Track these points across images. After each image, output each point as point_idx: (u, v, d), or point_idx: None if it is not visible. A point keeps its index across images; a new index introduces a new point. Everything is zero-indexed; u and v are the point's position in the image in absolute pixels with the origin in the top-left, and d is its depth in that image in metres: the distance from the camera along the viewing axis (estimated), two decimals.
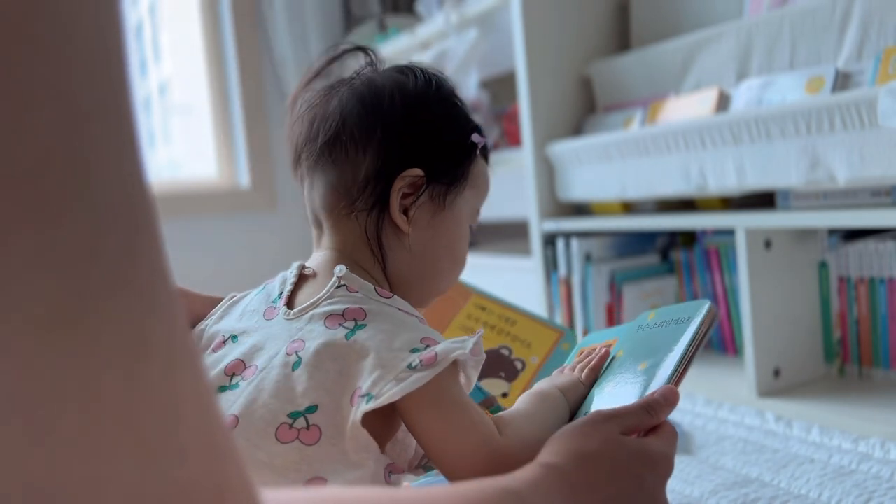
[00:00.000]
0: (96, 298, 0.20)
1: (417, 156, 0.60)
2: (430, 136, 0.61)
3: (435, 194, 0.61)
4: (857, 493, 0.73)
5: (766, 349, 1.05)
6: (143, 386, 0.21)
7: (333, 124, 0.60)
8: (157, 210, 0.23)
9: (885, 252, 1.04)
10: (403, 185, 0.60)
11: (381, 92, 0.61)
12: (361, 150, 0.60)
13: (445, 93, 0.64)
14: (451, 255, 0.64)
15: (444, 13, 1.67)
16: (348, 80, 0.63)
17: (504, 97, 1.78)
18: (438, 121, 0.62)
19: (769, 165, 1.02)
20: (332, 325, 0.54)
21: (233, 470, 0.24)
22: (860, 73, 0.98)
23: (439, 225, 0.62)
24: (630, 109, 1.34)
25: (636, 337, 0.71)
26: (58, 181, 0.19)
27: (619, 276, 1.35)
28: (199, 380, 0.23)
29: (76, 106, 0.20)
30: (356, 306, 0.55)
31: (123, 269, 0.21)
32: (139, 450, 0.20)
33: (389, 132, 0.60)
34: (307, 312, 0.56)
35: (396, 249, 0.61)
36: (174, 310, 0.23)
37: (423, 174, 0.60)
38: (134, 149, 0.22)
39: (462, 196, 0.64)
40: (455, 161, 0.63)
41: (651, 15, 1.41)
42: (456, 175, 0.63)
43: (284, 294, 0.59)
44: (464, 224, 0.65)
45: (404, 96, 0.61)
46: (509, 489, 0.44)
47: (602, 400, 0.65)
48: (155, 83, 2.51)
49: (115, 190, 0.21)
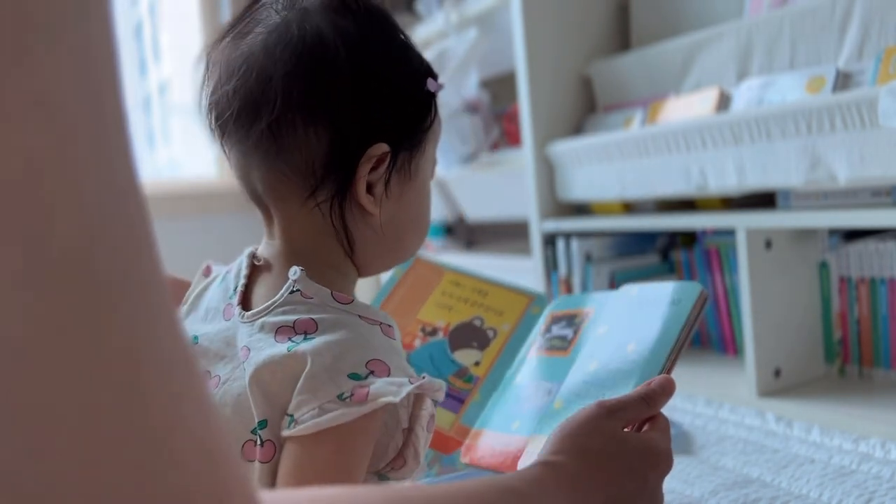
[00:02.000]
0: (89, 310, 0.19)
1: (378, 127, 0.52)
2: (387, 99, 0.52)
3: (402, 164, 0.54)
4: (858, 494, 0.73)
5: (766, 349, 1.05)
6: (137, 396, 0.20)
7: (270, 92, 0.49)
8: (150, 217, 0.22)
9: (886, 252, 1.04)
10: (370, 166, 0.52)
11: (324, 45, 0.50)
12: (311, 127, 0.50)
13: (391, 32, 0.54)
14: (417, 226, 0.58)
15: (444, 13, 1.67)
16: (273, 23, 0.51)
17: (504, 97, 1.78)
18: (393, 76, 0.52)
19: (769, 165, 1.02)
20: (281, 339, 0.49)
21: (231, 474, 0.24)
22: (861, 73, 0.98)
23: (407, 194, 0.55)
24: (630, 109, 1.34)
25: (620, 312, 0.70)
26: (46, 193, 0.19)
27: (620, 276, 1.35)
28: (196, 385, 0.23)
29: (64, 116, 0.19)
30: (307, 317, 0.50)
31: (116, 280, 0.20)
32: (136, 459, 0.20)
33: (342, 104, 0.50)
34: (260, 318, 0.51)
35: (362, 231, 0.54)
36: (169, 316, 0.23)
37: (389, 148, 0.52)
38: (125, 157, 0.22)
39: (425, 156, 0.56)
40: (416, 120, 0.54)
41: (651, 15, 1.41)
42: (418, 136, 0.55)
43: (238, 290, 0.54)
44: (428, 185, 0.58)
45: (349, 49, 0.50)
46: (512, 488, 0.44)
47: (593, 381, 0.64)
48: (155, 83, 2.51)
49: (107, 200, 0.21)
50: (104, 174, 0.21)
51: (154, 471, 0.20)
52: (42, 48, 0.19)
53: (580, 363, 0.68)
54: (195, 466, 0.22)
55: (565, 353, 0.71)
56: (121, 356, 0.20)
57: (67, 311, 0.19)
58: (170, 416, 0.22)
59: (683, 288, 0.66)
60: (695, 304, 0.64)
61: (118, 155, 0.21)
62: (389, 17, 0.55)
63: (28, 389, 0.18)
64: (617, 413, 0.52)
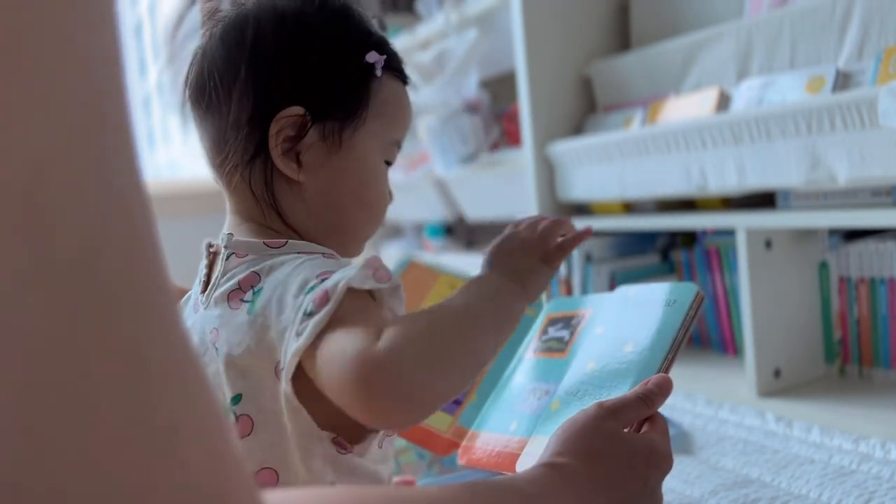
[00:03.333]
0: (94, 311, 0.20)
1: (295, 91, 0.52)
2: (307, 65, 0.52)
3: (327, 132, 0.53)
4: (858, 494, 0.73)
5: (766, 349, 1.05)
6: (141, 397, 0.21)
7: (195, 67, 0.53)
8: (154, 219, 0.23)
9: (886, 252, 1.04)
10: (283, 128, 0.51)
11: (245, 21, 0.52)
12: (226, 93, 0.51)
13: (331, 8, 0.54)
14: (360, 200, 0.56)
15: (444, 13, 1.67)
16: (217, 14, 0.54)
17: (504, 97, 1.78)
18: (319, 44, 0.52)
19: (769, 165, 1.02)
20: (234, 304, 0.49)
21: (233, 473, 0.24)
22: (861, 73, 0.98)
23: (339, 166, 0.54)
24: (630, 109, 1.34)
25: (616, 313, 0.70)
26: (51, 195, 0.19)
27: (620, 276, 1.35)
28: (198, 386, 0.23)
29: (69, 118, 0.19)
30: (248, 272, 0.49)
31: (121, 281, 0.20)
32: (139, 460, 0.20)
33: (255, 67, 0.51)
34: (212, 296, 0.51)
35: (293, 201, 0.53)
36: (172, 318, 0.23)
37: (305, 111, 0.52)
38: (130, 159, 0.22)
39: (364, 129, 0.54)
40: (347, 89, 0.53)
41: (651, 15, 1.41)
42: (351, 106, 0.53)
43: (200, 280, 0.55)
44: (373, 162, 0.56)
45: (275, 22, 0.52)
46: (518, 489, 0.44)
47: (590, 382, 0.64)
48: (155, 83, 2.50)
49: (111, 202, 0.21)
50: (108, 176, 0.21)
51: (158, 471, 0.20)
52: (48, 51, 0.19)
53: (577, 364, 0.68)
54: (199, 467, 0.22)
55: (562, 354, 0.71)
56: (125, 358, 0.20)
57: (72, 312, 0.19)
58: (174, 416, 0.22)
59: (679, 289, 0.66)
60: (691, 304, 0.64)
61: (122, 157, 0.22)
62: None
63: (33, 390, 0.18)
64: (617, 414, 0.52)
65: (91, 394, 0.19)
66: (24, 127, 0.18)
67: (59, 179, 0.19)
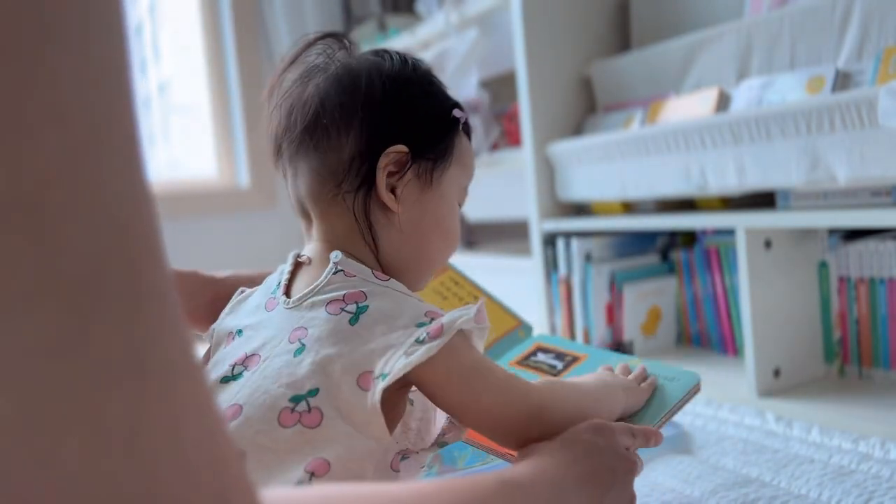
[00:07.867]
0: (99, 322, 0.20)
1: (400, 133, 0.60)
2: (411, 113, 0.61)
3: (421, 171, 0.61)
4: (857, 493, 0.73)
5: (766, 349, 1.05)
6: (145, 403, 0.21)
7: (312, 109, 0.60)
8: (160, 226, 0.23)
9: (885, 252, 1.04)
10: (389, 163, 0.59)
11: (358, 73, 0.61)
12: (343, 131, 0.59)
13: (422, 72, 0.64)
14: (441, 233, 0.64)
15: (444, 13, 1.67)
16: (323, 65, 0.62)
17: (504, 97, 1.78)
18: (418, 97, 0.62)
19: (769, 165, 1.02)
20: (334, 310, 0.55)
21: (234, 475, 0.24)
22: (860, 73, 0.98)
23: (428, 202, 0.62)
24: (630, 109, 1.34)
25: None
26: (59, 206, 0.19)
27: (620, 276, 1.35)
28: (200, 390, 0.23)
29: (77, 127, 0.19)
30: (355, 290, 0.56)
31: (126, 290, 0.21)
32: (142, 466, 0.20)
33: (370, 111, 0.59)
34: (307, 299, 0.57)
35: (386, 229, 0.61)
36: (176, 324, 0.23)
37: (408, 150, 0.60)
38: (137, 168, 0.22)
39: (448, 172, 0.63)
40: (438, 136, 0.63)
41: (651, 15, 1.41)
42: (441, 151, 0.62)
43: (282, 283, 0.60)
44: (452, 201, 0.65)
45: (381, 76, 0.61)
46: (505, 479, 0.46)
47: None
48: (155, 83, 2.51)
49: (118, 210, 0.21)
50: (116, 185, 0.21)
51: (160, 477, 0.21)
52: (59, 60, 0.19)
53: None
54: (199, 470, 0.22)
55: (554, 378, 0.75)
56: (128, 365, 0.20)
57: (78, 320, 0.19)
58: (174, 423, 0.22)
59: (682, 372, 0.71)
60: (690, 389, 0.69)
61: (129, 166, 0.22)
62: (422, 62, 0.65)
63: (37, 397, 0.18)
64: (603, 430, 0.57)
65: (95, 404, 0.19)
66: (36, 136, 0.18)
67: (69, 188, 0.19)
